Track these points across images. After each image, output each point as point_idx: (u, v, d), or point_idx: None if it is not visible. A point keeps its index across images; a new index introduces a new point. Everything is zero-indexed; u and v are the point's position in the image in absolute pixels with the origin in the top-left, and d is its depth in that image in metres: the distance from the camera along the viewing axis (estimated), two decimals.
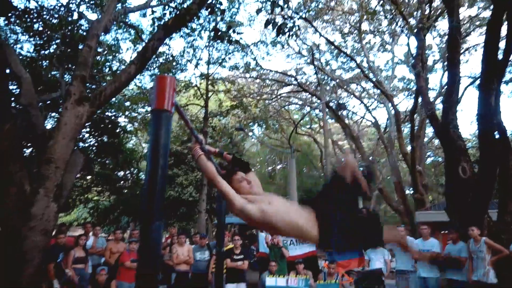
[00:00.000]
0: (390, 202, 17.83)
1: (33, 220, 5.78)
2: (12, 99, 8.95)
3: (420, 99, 13.54)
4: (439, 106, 16.68)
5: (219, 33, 5.95)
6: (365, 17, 12.89)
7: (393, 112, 16.97)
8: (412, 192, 18.50)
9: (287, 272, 7.06)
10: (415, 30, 8.53)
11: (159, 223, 1.38)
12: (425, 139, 20.71)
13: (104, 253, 7.14)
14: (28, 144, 11.25)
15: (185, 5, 7.03)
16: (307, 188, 31.68)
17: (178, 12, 6.42)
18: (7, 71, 6.62)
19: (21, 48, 12.65)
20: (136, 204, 16.44)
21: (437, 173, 26.31)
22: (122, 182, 17.66)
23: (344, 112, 23.40)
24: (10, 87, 10.29)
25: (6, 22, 10.22)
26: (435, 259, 5.97)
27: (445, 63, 17.75)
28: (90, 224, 7.71)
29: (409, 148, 16.24)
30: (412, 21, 11.54)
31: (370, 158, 24.65)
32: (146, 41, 11.50)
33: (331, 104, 18.93)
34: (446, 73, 17.89)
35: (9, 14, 9.85)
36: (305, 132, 30.26)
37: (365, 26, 17.92)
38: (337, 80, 21.30)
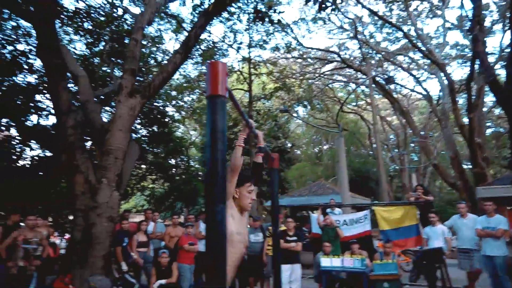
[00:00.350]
0: (446, 178, 16.90)
1: (99, 208, 6.27)
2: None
3: (477, 66, 12.52)
4: (499, 71, 15.35)
5: (260, 14, 5.88)
6: None
7: (446, 82, 15.87)
8: (470, 166, 17.38)
9: (341, 253, 7.02)
10: None
11: (223, 205, 1.41)
12: (484, 109, 19.19)
13: (164, 237, 7.55)
14: (87, 138, 12.09)
15: None
16: (355, 167, 30.95)
17: None
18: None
19: (74, 47, 13.46)
20: (188, 190, 17.13)
21: (499, 145, 24.40)
22: (174, 169, 18.39)
23: (392, 86, 22.33)
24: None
25: (60, 24, 10.87)
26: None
27: (506, 23, 16.13)
28: (151, 210, 8.14)
29: (466, 119, 15.16)
30: None
31: (422, 132, 23.45)
32: (188, 29, 11.71)
33: (377, 78, 18.11)
34: (507, 34, 16.33)
35: (62, 16, 10.45)
36: (351, 109, 29.37)
37: None
38: (383, 53, 20.27)
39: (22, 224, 6.50)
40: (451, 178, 16.52)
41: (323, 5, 5.87)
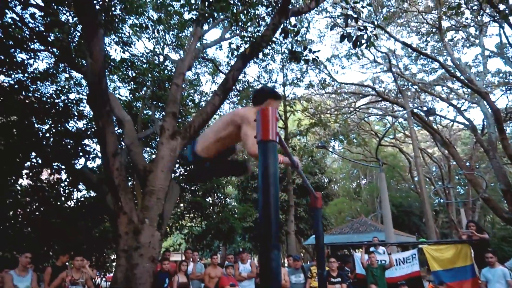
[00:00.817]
0: (499, 213, 15.67)
1: (142, 248, 6.36)
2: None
3: None
4: None
5: (295, 54, 6.04)
6: (446, 13, 11.90)
7: (490, 110, 15.18)
8: None
9: None
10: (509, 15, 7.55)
11: (278, 252, 1.39)
12: None
13: (204, 277, 7.47)
14: (129, 178, 12.55)
15: (259, 33, 7.30)
16: (397, 202, 29.63)
17: (253, 40, 6.69)
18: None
19: (119, 94, 14.40)
20: (225, 228, 17.04)
21: None
22: (211, 208, 18.47)
23: (432, 117, 21.66)
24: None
25: (108, 73, 11.74)
26: None
27: None
28: (191, 250, 8.15)
29: None
30: (502, 7, 10.34)
31: (468, 164, 22.22)
32: (224, 72, 12.21)
33: (416, 110, 17.69)
34: None
35: (109, 66, 11.30)
36: (389, 142, 28.65)
37: (445, 23, 16.64)
38: (419, 84, 19.91)
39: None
40: (505, 213, 15.29)
41: (358, 42, 5.95)
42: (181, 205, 16.95)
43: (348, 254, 13.43)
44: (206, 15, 5.95)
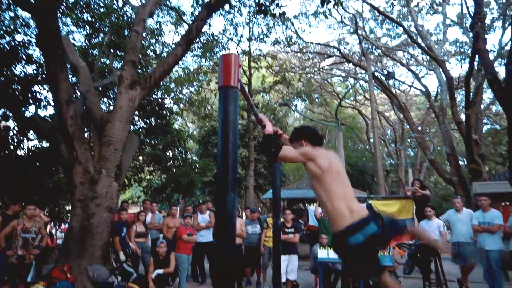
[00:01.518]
0: (442, 174, 17.03)
1: (98, 198, 6.30)
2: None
3: (476, 63, 12.57)
4: (498, 69, 15.39)
5: (262, 7, 5.87)
6: None
7: (445, 78, 15.94)
8: (466, 162, 17.52)
9: None
10: None
11: (234, 194, 1.45)
12: (482, 106, 19.27)
13: (162, 228, 7.61)
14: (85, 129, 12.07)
15: None
16: (352, 161, 31.11)
17: None
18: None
19: (73, 39, 13.38)
20: (185, 182, 17.16)
21: (495, 142, 24.59)
22: (171, 161, 18.40)
23: (391, 82, 22.37)
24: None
25: (59, 15, 10.78)
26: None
27: (506, 21, 16.20)
28: (149, 201, 8.19)
29: (463, 116, 15.27)
30: None
31: (419, 128, 23.56)
32: (188, 22, 11.65)
33: (377, 74, 18.14)
34: (508, 31, 16.34)
35: (61, 7, 10.36)
36: (349, 104, 29.43)
37: None
38: (383, 48, 20.28)
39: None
40: (447, 174, 16.66)
41: (326, 0, 5.87)
42: (140, 158, 16.71)
43: (303, 208, 14.16)
44: None
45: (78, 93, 7.79)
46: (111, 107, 12.17)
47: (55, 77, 5.98)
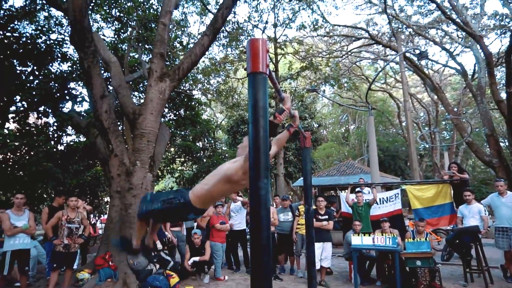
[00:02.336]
0: (481, 156, 16.24)
1: (134, 189, 6.52)
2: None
3: None
4: None
5: None
6: None
7: (482, 55, 15.06)
8: (508, 143, 16.60)
9: (372, 231, 7.00)
10: None
11: (266, 180, 1.45)
12: None
13: None
14: (119, 122, 12.46)
15: None
16: (384, 146, 30.35)
17: None
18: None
19: (103, 34, 13.75)
20: None
21: None
22: (201, 152, 18.70)
23: (423, 62, 21.46)
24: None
25: (89, 12, 11.08)
26: None
27: None
28: None
29: (504, 94, 14.41)
30: None
31: (455, 109, 22.52)
32: (213, 12, 11.65)
33: (408, 54, 17.43)
34: None
35: (91, 4, 10.64)
36: (379, 87, 28.58)
37: None
38: (414, 27, 19.40)
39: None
40: (487, 156, 15.88)
41: None
42: (172, 149, 17.11)
43: (335, 195, 14.02)
44: None
45: (111, 88, 8.00)
46: (142, 100, 12.51)
47: (89, 73, 6.18)
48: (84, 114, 10.83)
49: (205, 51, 7.12)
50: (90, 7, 10.53)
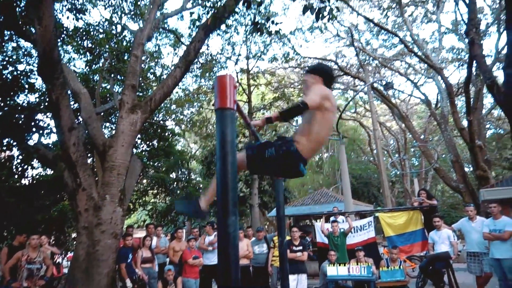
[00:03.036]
0: (448, 182, 16.85)
1: (103, 224, 6.24)
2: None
3: (474, 68, 12.60)
4: (496, 73, 15.43)
5: (258, 25, 5.94)
6: None
7: (444, 85, 15.98)
8: (472, 169, 17.33)
9: (348, 260, 6.98)
10: None
11: (235, 218, 1.42)
12: (483, 111, 19.25)
13: (168, 252, 7.50)
14: (89, 154, 12.09)
15: (221, 3, 7.10)
16: (357, 174, 30.92)
17: (215, 11, 6.49)
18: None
19: (74, 65, 13.60)
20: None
21: (500, 147, 24.43)
22: (175, 183, 18.35)
23: (390, 92, 22.46)
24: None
25: (60, 43, 10.97)
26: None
27: (500, 25, 16.33)
28: (153, 225, 8.11)
29: (465, 122, 15.22)
30: None
31: (422, 136, 23.47)
32: (186, 44, 11.82)
33: (376, 85, 18.22)
34: (504, 36, 16.47)
35: (62, 36, 10.57)
36: (350, 116, 29.49)
37: None
38: (380, 59, 20.45)
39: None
40: (454, 182, 16.48)
41: (320, 14, 5.95)
42: (144, 181, 16.69)
43: (310, 224, 13.98)
44: None
45: (81, 119, 7.82)
46: (114, 132, 12.25)
47: (57, 105, 6.02)
48: (51, 147, 10.46)
49: (177, 82, 7.14)
50: (62, 38, 10.46)
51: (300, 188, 34.57)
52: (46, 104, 9.82)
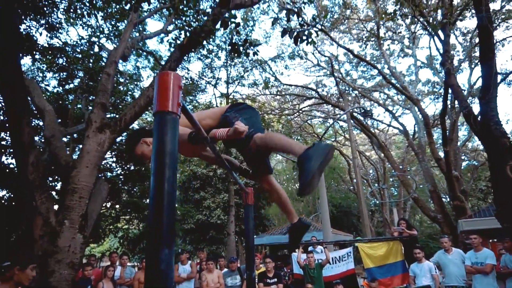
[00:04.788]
0: (426, 212, 16.81)
1: (60, 253, 5.67)
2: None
3: (449, 101, 12.89)
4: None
5: (236, 46, 5.80)
6: (382, 22, 12.47)
7: (420, 116, 16.28)
8: (449, 199, 17.43)
9: None
10: (439, 27, 8.06)
11: (169, 250, 1.10)
12: (458, 143, 19.67)
13: (133, 283, 6.91)
14: (56, 177, 11.43)
15: (199, 25, 6.98)
16: (336, 202, 30.75)
17: (193, 30, 6.34)
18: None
19: (48, 84, 13.14)
20: None
21: (475, 178, 24.91)
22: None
23: (369, 122, 22.80)
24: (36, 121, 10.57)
25: (32, 60, 10.58)
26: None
27: (472, 62, 16.98)
28: (117, 254, 7.52)
29: (441, 153, 15.41)
30: (432, 20, 11.10)
31: (401, 166, 23.69)
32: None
33: (355, 114, 18.43)
34: (475, 71, 17.11)
35: (34, 52, 10.18)
36: None
37: (383, 33, 17.58)
38: (359, 89, 20.83)
39: None
40: (432, 212, 16.45)
41: (299, 38, 5.87)
42: (117, 206, 15.93)
43: (288, 254, 13.50)
44: None
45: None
46: None
47: (16, 122, 5.59)
48: (13, 167, 9.82)
49: (150, 102, 6.83)
50: (33, 54, 10.08)
51: (280, 216, 34.04)
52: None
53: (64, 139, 11.78)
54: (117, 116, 12.12)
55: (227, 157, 2.54)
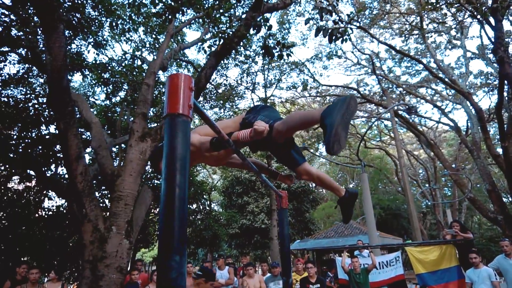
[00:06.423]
0: (485, 213, 15.57)
1: (108, 258, 5.93)
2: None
3: (505, 93, 11.88)
4: None
5: (268, 48, 5.76)
6: (425, 12, 11.78)
7: (473, 111, 15.16)
8: (511, 199, 16.04)
9: None
10: (489, 12, 7.44)
11: (180, 257, 1.05)
12: None
13: None
14: (102, 187, 12.03)
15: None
16: (385, 205, 29.54)
17: (226, 36, 6.40)
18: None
19: (97, 99, 13.98)
20: (209, 235, 16.59)
21: None
22: (194, 214, 18.01)
23: (416, 119, 21.70)
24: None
25: (82, 76, 11.30)
26: None
27: None
28: None
29: (499, 149, 14.21)
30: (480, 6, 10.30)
31: (453, 165, 22.24)
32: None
33: (399, 111, 17.61)
34: None
35: (83, 70, 10.87)
36: (375, 145, 28.61)
37: (426, 24, 16.68)
38: (404, 86, 19.91)
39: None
40: (491, 213, 15.20)
41: (333, 36, 5.70)
42: None
43: (334, 259, 13.13)
44: (174, 8, 5.62)
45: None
46: None
47: (64, 134, 5.95)
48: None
49: None
50: (82, 71, 10.75)
51: (326, 220, 33.36)
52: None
53: (114, 149, 12.45)
54: (158, 124, 12.57)
55: (254, 159, 2.50)
